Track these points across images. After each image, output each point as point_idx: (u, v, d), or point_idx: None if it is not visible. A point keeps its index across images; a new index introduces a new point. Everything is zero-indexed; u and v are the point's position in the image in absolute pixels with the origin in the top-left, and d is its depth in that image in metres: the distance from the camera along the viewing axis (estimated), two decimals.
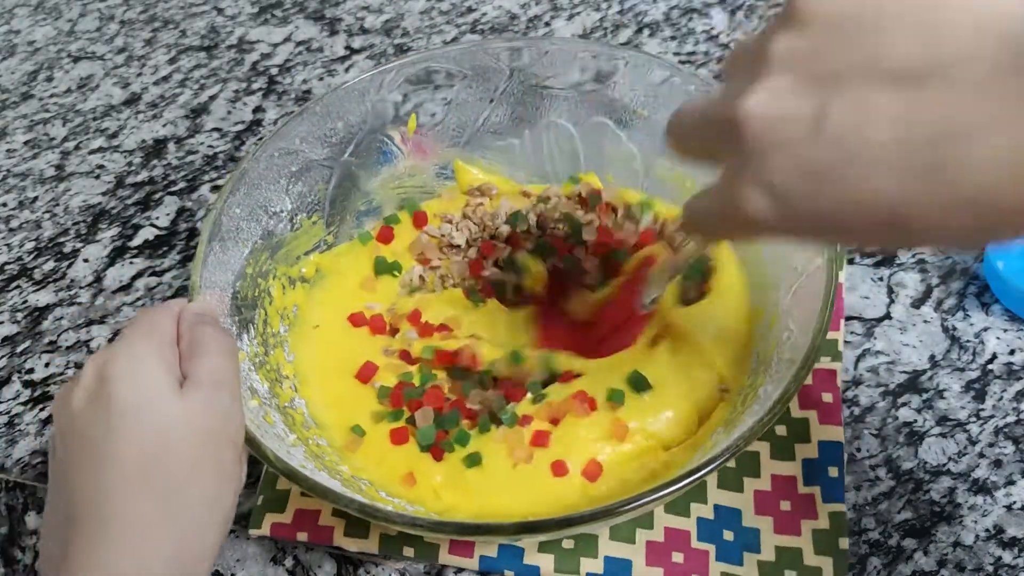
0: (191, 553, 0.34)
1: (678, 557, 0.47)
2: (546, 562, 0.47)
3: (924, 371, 0.54)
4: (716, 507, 0.48)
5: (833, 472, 0.49)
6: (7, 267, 0.67)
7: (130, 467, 0.33)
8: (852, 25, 0.26)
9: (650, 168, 0.58)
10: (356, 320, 0.55)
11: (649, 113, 0.57)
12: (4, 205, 0.72)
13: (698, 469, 0.39)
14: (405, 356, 0.54)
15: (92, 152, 0.75)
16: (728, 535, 0.47)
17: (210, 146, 0.74)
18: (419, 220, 0.60)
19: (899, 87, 0.25)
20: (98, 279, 0.65)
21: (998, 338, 0.55)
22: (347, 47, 0.80)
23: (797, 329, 0.45)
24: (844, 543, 0.46)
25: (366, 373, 0.52)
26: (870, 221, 0.27)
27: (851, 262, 0.59)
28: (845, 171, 0.26)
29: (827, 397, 0.52)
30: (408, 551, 0.48)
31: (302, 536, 0.49)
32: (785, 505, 0.48)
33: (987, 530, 0.48)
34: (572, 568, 0.47)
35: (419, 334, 0.55)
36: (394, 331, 0.55)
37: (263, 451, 0.40)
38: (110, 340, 0.61)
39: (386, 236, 0.59)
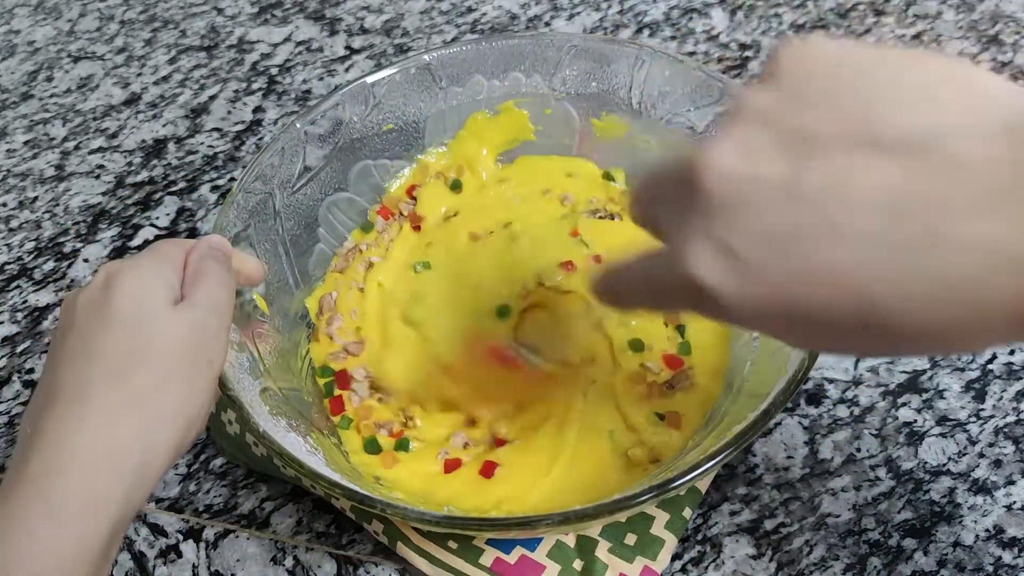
0: (155, 448, 0.37)
1: None
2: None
3: (924, 371, 0.54)
4: None
5: None
6: (7, 267, 0.67)
7: (113, 363, 0.37)
8: (842, 88, 0.25)
9: (585, 126, 0.59)
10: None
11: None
12: (4, 205, 0.72)
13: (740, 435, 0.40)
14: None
15: (92, 152, 0.75)
16: None
17: (210, 146, 0.74)
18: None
19: (890, 156, 0.24)
20: None
21: None
22: (347, 47, 0.80)
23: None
24: None
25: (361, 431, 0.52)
26: (839, 303, 0.25)
27: None
28: (819, 239, 0.24)
29: None
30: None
31: None
32: None
33: (987, 530, 0.48)
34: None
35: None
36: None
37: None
38: None
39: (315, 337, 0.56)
